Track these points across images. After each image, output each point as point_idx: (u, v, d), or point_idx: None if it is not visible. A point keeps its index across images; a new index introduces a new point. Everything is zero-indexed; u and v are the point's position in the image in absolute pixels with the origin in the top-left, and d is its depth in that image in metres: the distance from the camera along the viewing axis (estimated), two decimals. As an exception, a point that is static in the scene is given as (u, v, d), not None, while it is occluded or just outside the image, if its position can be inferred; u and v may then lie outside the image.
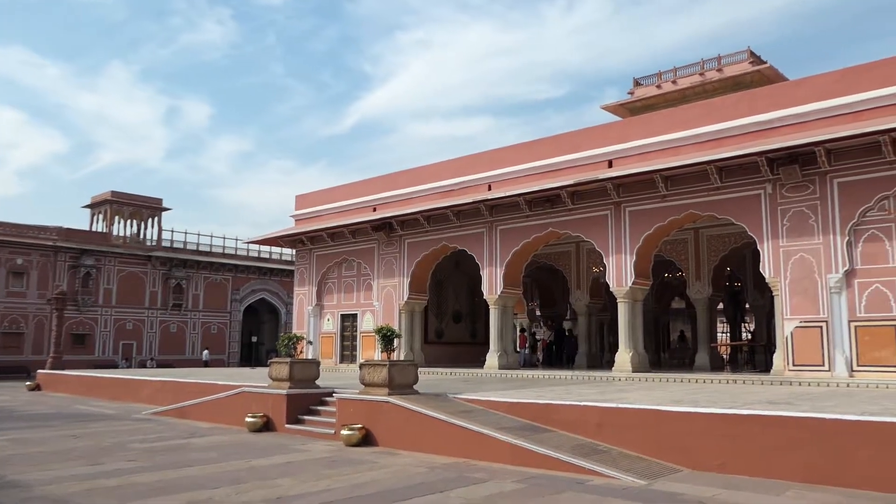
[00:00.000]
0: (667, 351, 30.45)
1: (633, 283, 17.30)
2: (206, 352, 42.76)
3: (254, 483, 8.32)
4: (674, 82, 31.60)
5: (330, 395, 13.46)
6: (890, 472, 7.55)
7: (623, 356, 17.40)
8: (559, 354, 25.49)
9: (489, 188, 20.43)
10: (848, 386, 13.31)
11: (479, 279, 20.68)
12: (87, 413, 17.27)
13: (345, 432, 11.54)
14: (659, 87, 31.99)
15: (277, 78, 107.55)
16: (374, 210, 23.45)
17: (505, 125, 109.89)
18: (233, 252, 46.48)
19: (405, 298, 22.29)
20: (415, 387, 12.44)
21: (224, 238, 46.66)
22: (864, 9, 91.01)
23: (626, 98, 33.63)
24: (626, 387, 14.01)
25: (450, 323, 25.92)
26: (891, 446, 7.61)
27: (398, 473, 9.01)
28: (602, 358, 24.39)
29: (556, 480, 8.44)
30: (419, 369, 13.49)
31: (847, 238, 14.18)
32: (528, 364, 24.92)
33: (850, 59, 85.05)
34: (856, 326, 13.97)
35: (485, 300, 20.70)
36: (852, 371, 13.87)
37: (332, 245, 24.82)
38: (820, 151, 14.24)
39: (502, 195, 19.05)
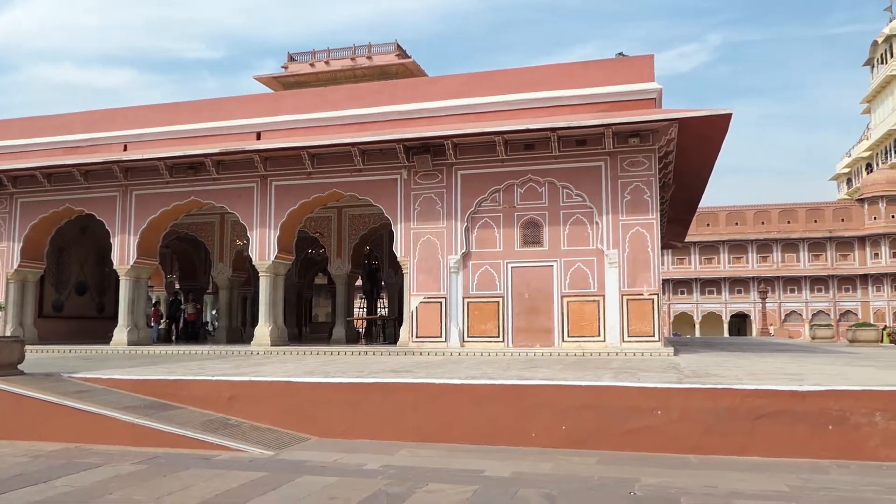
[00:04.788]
0: (308, 325, 31.32)
1: (275, 258, 17.38)
2: None
3: None
4: (327, 63, 32.33)
5: None
6: (484, 427, 8.75)
7: (262, 330, 17.41)
8: (189, 329, 24.51)
9: (125, 148, 18.73)
10: (460, 355, 15.10)
11: (109, 247, 18.86)
12: None
13: (-80, 423, 9.64)
14: (313, 65, 32.48)
15: None
16: (-22, 161, 19.92)
17: (151, 81, 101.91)
18: None
19: (15, 266, 19.37)
20: (20, 366, 10.89)
21: None
22: (498, 20, 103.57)
23: (281, 72, 33.52)
24: (263, 360, 14.04)
25: (72, 295, 23.24)
26: (484, 405, 8.83)
27: (-10, 466, 7.82)
28: (244, 332, 24.12)
29: (181, 458, 8.11)
30: (31, 347, 11.91)
31: (465, 224, 16.02)
32: (164, 340, 23.59)
33: (486, 63, 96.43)
34: (468, 302, 15.91)
35: (115, 271, 18.98)
36: (464, 341, 15.77)
37: (-84, 199, 20.43)
38: (448, 144, 15.83)
39: (140, 157, 17.61)
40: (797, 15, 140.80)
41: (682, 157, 16.75)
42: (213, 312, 31.50)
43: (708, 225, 53.48)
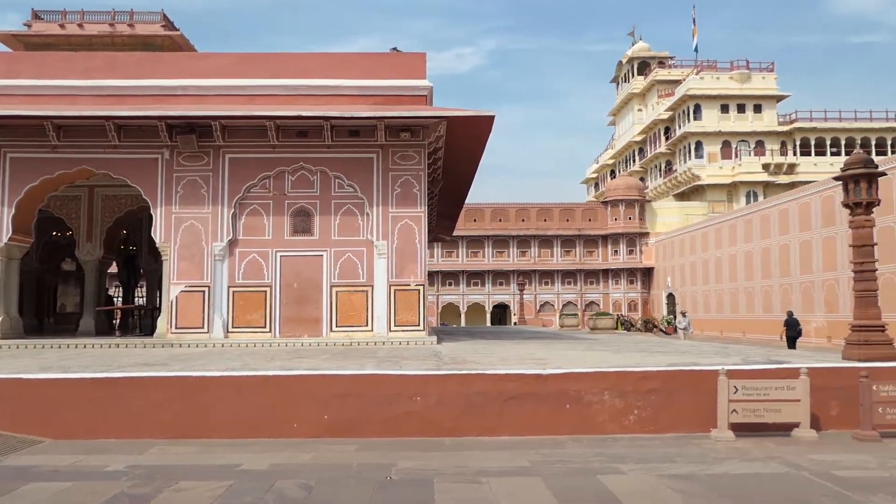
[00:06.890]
0: (53, 316, 28.19)
1: (9, 240, 15.38)
2: None
3: None
4: (80, 26, 29.20)
5: None
6: (244, 420, 8.48)
7: (-9, 321, 15.35)
8: None
9: None
10: (223, 346, 14.45)
11: None
12: None
13: None
14: (63, 26, 29.15)
15: None
16: None
17: None
18: None
19: None
20: None
21: None
22: (279, 2, 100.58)
23: (23, 30, 29.64)
24: (-10, 355, 12.37)
25: None
26: (244, 397, 8.55)
27: None
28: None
29: None
30: None
31: (233, 210, 15.36)
32: None
33: (264, 46, 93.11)
34: (234, 291, 15.29)
35: None
36: (228, 332, 15.13)
37: None
38: (216, 126, 15.05)
39: None
40: (559, 29, 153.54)
41: (451, 153, 17.47)
42: None
43: (475, 220, 56.47)
